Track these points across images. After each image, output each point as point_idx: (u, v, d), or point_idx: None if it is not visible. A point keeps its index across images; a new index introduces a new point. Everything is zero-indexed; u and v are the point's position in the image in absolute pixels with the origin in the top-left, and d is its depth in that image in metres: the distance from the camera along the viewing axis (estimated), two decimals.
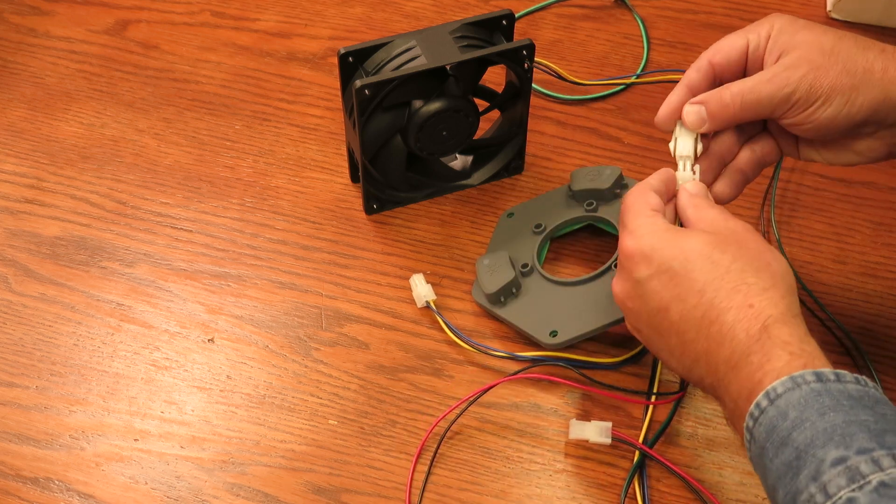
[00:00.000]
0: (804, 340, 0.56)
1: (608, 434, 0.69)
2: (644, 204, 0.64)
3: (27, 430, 0.72)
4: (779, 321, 0.56)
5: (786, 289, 0.58)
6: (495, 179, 0.86)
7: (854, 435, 0.50)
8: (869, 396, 0.52)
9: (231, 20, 1.01)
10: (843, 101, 0.62)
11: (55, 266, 0.82)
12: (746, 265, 0.59)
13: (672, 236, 0.61)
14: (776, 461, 0.52)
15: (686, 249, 0.60)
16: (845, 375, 0.53)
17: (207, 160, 0.89)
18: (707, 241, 0.60)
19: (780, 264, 0.59)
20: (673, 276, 0.60)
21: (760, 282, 0.58)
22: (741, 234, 0.61)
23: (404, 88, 0.76)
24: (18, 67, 0.97)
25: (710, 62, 0.66)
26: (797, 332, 0.56)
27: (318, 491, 0.69)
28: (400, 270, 0.80)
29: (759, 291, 0.58)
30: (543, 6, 1.01)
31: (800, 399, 0.52)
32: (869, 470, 0.48)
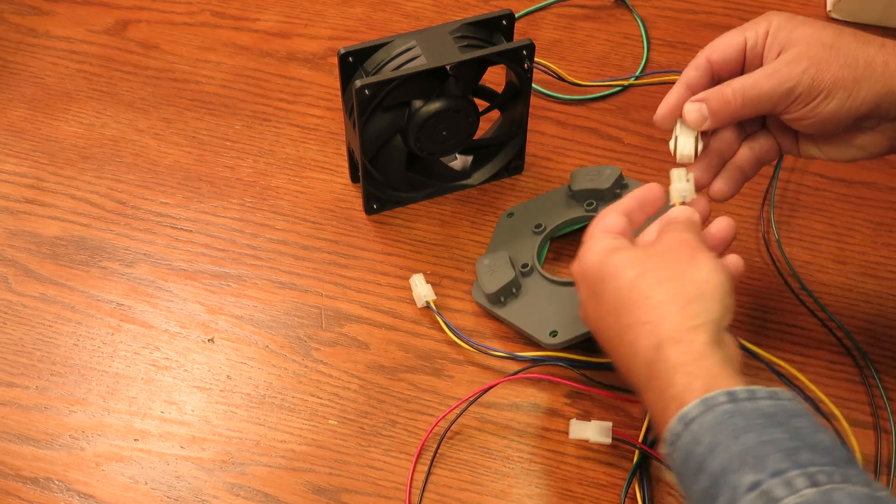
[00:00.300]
0: (702, 356, 0.54)
1: (609, 434, 0.69)
2: (596, 226, 0.64)
3: (27, 430, 0.72)
4: (671, 340, 0.55)
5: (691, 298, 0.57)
6: (495, 179, 0.86)
7: (767, 456, 0.49)
8: (784, 411, 0.52)
9: (231, 20, 1.01)
10: (846, 96, 0.62)
11: (55, 266, 0.82)
12: (651, 278, 0.58)
13: (601, 257, 0.61)
14: (694, 489, 0.51)
15: (605, 269, 0.60)
16: (758, 392, 0.52)
17: (207, 160, 0.89)
18: (626, 258, 0.60)
19: (698, 272, 0.58)
20: (596, 297, 0.61)
21: (659, 294, 0.57)
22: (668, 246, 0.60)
23: (404, 88, 0.76)
24: (18, 67, 0.97)
25: (708, 60, 0.66)
26: (692, 347, 0.55)
27: (318, 491, 0.69)
28: (400, 270, 0.80)
29: (656, 305, 0.57)
30: (543, 6, 1.01)
31: (712, 422, 0.51)
32: (783, 493, 0.47)
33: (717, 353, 0.55)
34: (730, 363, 0.55)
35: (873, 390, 0.72)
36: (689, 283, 0.57)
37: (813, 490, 0.47)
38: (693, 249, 0.60)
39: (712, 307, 0.57)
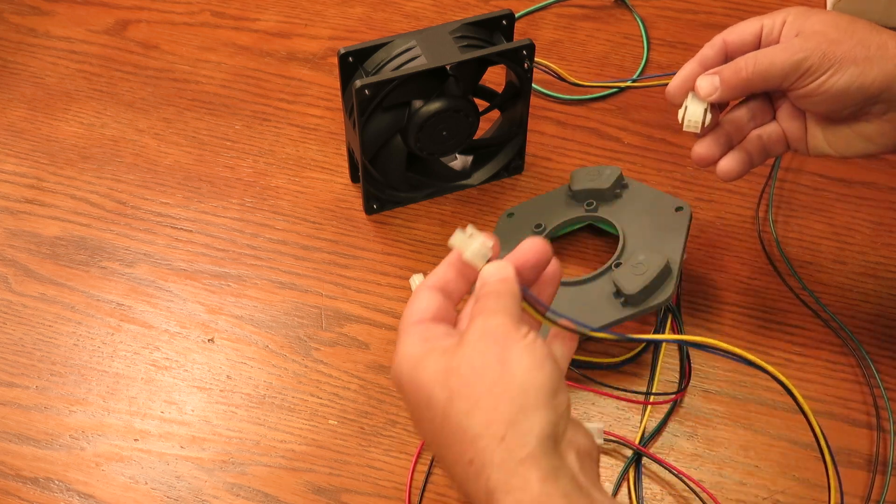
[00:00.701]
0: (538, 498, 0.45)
1: (600, 436, 0.69)
2: (408, 316, 0.53)
3: (27, 430, 0.72)
4: (500, 486, 0.46)
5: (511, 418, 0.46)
6: (495, 179, 0.86)
7: None
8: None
9: (231, 20, 1.01)
10: (857, 72, 0.62)
11: (55, 266, 0.82)
12: (463, 400, 0.48)
13: (410, 373, 0.51)
14: None
15: (416, 391, 0.50)
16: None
17: (207, 160, 0.89)
18: (434, 374, 0.49)
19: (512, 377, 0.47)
20: (415, 419, 0.52)
21: (475, 425, 0.47)
22: (476, 345, 0.49)
23: (404, 88, 0.76)
24: (18, 67, 0.97)
25: (724, 40, 0.67)
26: (525, 495, 0.45)
27: (318, 491, 0.69)
28: (400, 270, 0.80)
29: (472, 440, 0.47)
30: (543, 6, 1.01)
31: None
32: None
33: (556, 488, 0.45)
34: (574, 490, 0.46)
35: (874, 390, 0.72)
36: (504, 397, 0.47)
37: None
38: (501, 344, 0.49)
39: (538, 420, 0.46)
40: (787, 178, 0.85)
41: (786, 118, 0.68)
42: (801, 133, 0.68)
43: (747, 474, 0.69)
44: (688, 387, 0.72)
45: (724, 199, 0.83)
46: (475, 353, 0.49)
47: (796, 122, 0.68)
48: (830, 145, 0.67)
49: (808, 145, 0.68)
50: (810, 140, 0.68)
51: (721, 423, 0.71)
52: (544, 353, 0.49)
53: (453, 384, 0.48)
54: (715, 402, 0.72)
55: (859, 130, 0.66)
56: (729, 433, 0.71)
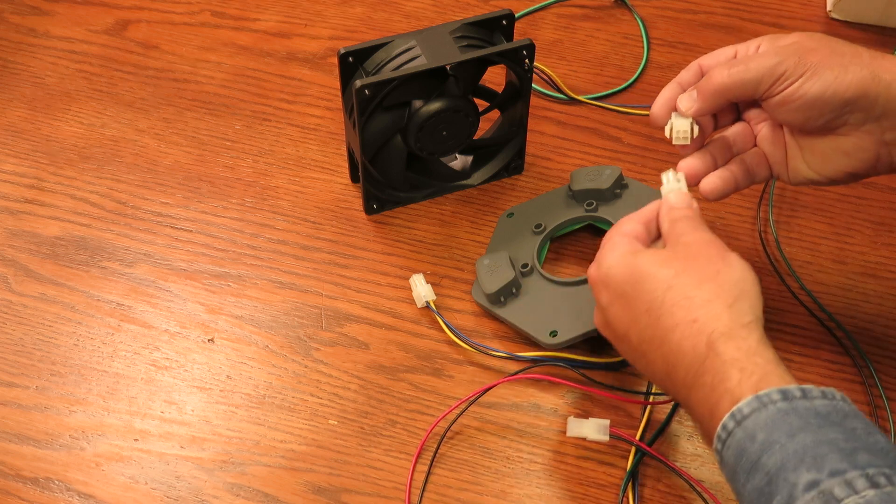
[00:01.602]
0: (756, 352, 0.54)
1: (606, 432, 0.69)
2: (615, 231, 0.64)
3: (27, 430, 0.72)
4: (724, 335, 0.55)
5: (735, 296, 0.57)
6: (495, 179, 0.86)
7: (825, 456, 0.48)
8: (837, 411, 0.51)
9: (231, 20, 1.01)
10: (832, 77, 0.62)
11: (55, 266, 0.82)
12: (689, 278, 0.58)
13: (626, 259, 0.61)
14: (748, 486, 0.51)
15: (635, 271, 0.60)
16: (811, 391, 0.52)
17: (207, 160, 0.89)
18: (655, 259, 0.60)
19: (733, 271, 0.58)
20: (627, 300, 0.61)
21: (703, 293, 0.57)
22: (695, 247, 0.60)
23: (404, 88, 0.76)
24: (18, 67, 0.97)
25: (700, 65, 0.68)
26: (745, 343, 0.55)
27: (318, 491, 0.69)
28: (400, 270, 0.80)
29: (702, 304, 0.57)
30: (543, 6, 1.01)
31: (767, 420, 0.51)
32: (843, 493, 0.47)
33: (769, 350, 0.55)
34: (779, 360, 0.55)
35: (872, 390, 0.72)
36: (729, 282, 0.57)
37: (873, 492, 0.47)
38: (721, 249, 0.60)
39: (756, 304, 0.57)
40: None
41: (766, 142, 0.69)
42: (781, 156, 0.68)
43: None
44: None
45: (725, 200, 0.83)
46: (699, 251, 0.60)
47: (776, 144, 0.68)
48: (810, 166, 0.67)
49: (788, 170, 0.68)
50: (790, 163, 0.68)
51: None
52: (749, 265, 0.59)
53: (677, 266, 0.59)
54: None
55: (837, 145, 0.65)
56: None
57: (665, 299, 0.58)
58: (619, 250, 0.62)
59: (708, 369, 0.55)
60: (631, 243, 0.63)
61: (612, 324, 0.63)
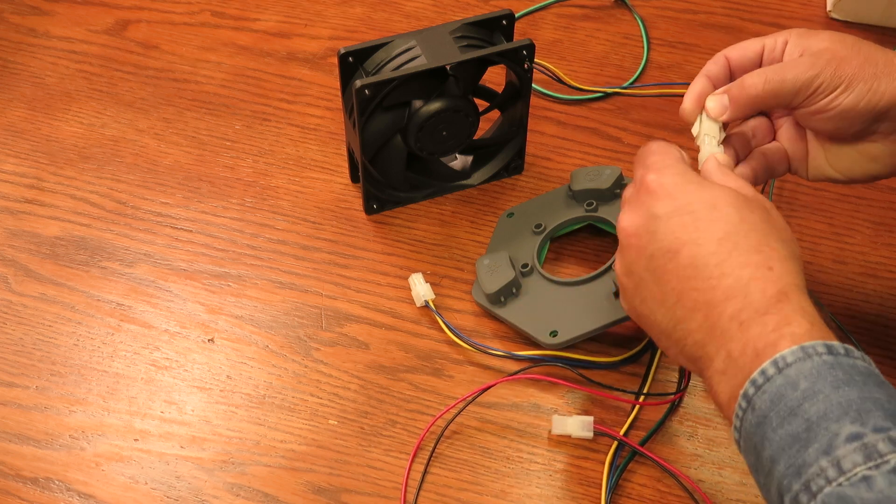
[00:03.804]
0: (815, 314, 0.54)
1: (590, 428, 0.69)
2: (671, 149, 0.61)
3: (27, 430, 0.72)
4: (799, 290, 0.54)
5: (800, 265, 0.57)
6: (495, 179, 0.86)
7: (870, 412, 0.48)
8: (875, 375, 0.52)
9: (231, 20, 1.01)
10: (866, 89, 0.62)
11: (55, 266, 0.82)
12: (772, 230, 0.57)
13: (700, 181, 0.59)
14: (780, 431, 0.50)
15: (715, 196, 0.57)
16: (854, 351, 0.52)
17: (207, 160, 0.89)
18: (736, 197, 0.58)
19: (798, 247, 0.58)
20: (696, 219, 0.57)
21: (784, 250, 0.56)
22: (768, 204, 0.59)
23: (404, 88, 0.76)
24: (18, 67, 0.97)
25: (726, 57, 0.66)
26: (810, 305, 0.54)
27: (318, 491, 0.69)
28: (400, 270, 0.80)
29: (782, 258, 0.55)
30: (543, 6, 1.01)
31: (811, 370, 0.51)
32: (887, 449, 0.47)
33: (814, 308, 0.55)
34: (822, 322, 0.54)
35: None
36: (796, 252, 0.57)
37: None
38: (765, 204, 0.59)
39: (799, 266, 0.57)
40: (788, 178, 0.85)
41: (787, 139, 0.68)
42: (802, 153, 0.68)
43: (747, 474, 0.69)
44: (687, 387, 0.72)
45: None
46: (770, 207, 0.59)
47: (798, 142, 0.68)
48: (832, 166, 0.67)
49: (808, 167, 0.68)
50: (811, 162, 0.67)
51: (721, 424, 0.71)
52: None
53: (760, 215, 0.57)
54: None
55: (864, 150, 0.65)
56: (729, 433, 0.71)
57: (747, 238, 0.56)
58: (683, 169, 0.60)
59: (776, 311, 0.53)
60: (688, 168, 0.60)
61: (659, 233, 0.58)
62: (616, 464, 0.69)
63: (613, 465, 0.69)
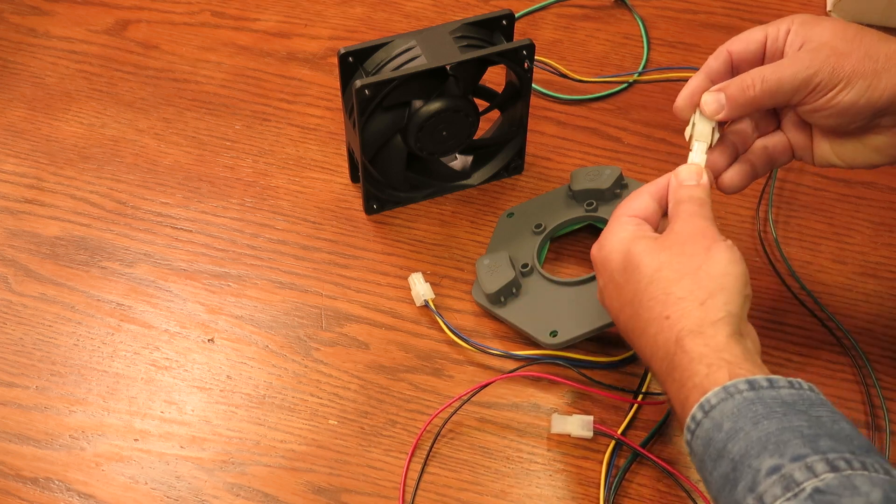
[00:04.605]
0: (724, 348, 0.55)
1: (590, 428, 0.69)
2: (625, 209, 0.64)
3: (27, 430, 0.72)
4: (692, 333, 0.56)
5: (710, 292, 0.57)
6: (495, 179, 0.86)
7: (788, 442, 0.49)
8: (804, 400, 0.52)
9: (231, 20, 1.01)
10: (865, 86, 0.61)
11: (55, 266, 0.82)
12: (671, 272, 0.59)
13: (623, 245, 0.62)
14: (714, 474, 0.52)
15: (627, 258, 0.61)
16: (778, 381, 0.53)
17: (207, 160, 0.89)
18: (646, 248, 0.60)
19: (715, 265, 0.58)
20: (616, 286, 0.62)
21: (679, 290, 0.58)
22: (685, 236, 0.60)
23: (404, 88, 0.76)
24: (18, 67, 0.97)
25: (728, 51, 0.66)
26: (713, 341, 0.55)
27: (318, 491, 0.69)
28: (400, 270, 0.80)
29: (675, 301, 0.57)
30: (543, 6, 1.01)
31: (733, 409, 0.52)
32: (803, 477, 0.48)
33: (738, 345, 0.55)
34: (750, 354, 0.55)
35: (871, 390, 0.72)
36: (707, 277, 0.58)
37: (833, 475, 0.47)
38: (709, 239, 0.60)
39: (731, 300, 0.57)
40: (787, 178, 0.86)
41: (791, 128, 0.68)
42: (806, 143, 0.67)
43: None
44: None
45: (724, 199, 0.83)
46: (687, 239, 0.60)
47: (802, 132, 0.67)
48: (838, 156, 0.67)
49: (813, 155, 0.67)
50: (816, 150, 0.67)
51: None
52: (740, 255, 0.59)
53: (663, 259, 0.59)
54: None
55: (867, 142, 0.65)
56: None
57: (646, 292, 0.59)
58: (620, 234, 0.63)
59: (677, 365, 0.56)
60: (636, 226, 0.63)
61: (606, 304, 0.65)
62: (615, 463, 0.69)
63: (611, 464, 0.69)
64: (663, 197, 0.65)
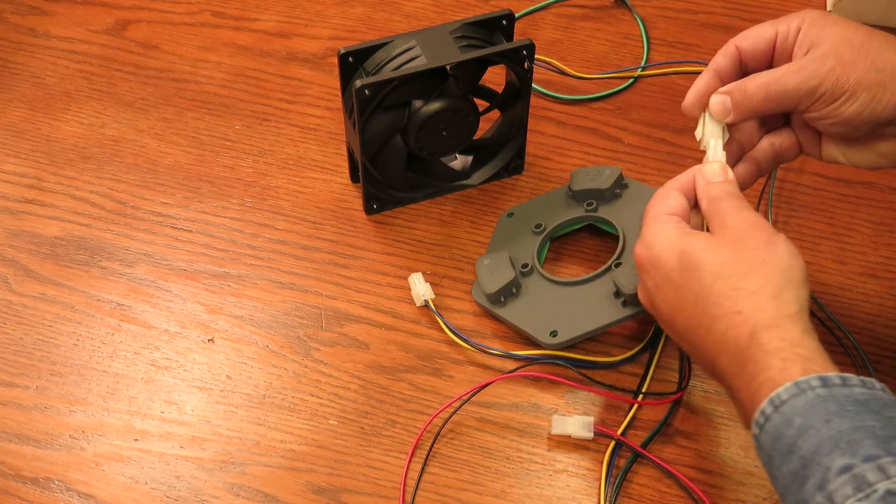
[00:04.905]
0: (799, 343, 0.54)
1: (590, 428, 0.69)
2: (661, 208, 0.64)
3: (27, 430, 0.72)
4: (767, 326, 0.55)
5: (780, 286, 0.57)
6: (495, 179, 0.86)
7: (860, 441, 0.49)
8: (875, 400, 0.51)
9: (231, 20, 1.01)
10: (869, 98, 0.61)
11: (55, 266, 0.82)
12: (737, 268, 0.58)
13: (676, 244, 0.61)
14: (783, 470, 0.51)
15: (684, 258, 0.60)
16: (851, 379, 0.52)
17: (207, 160, 0.89)
18: (704, 246, 0.60)
19: (780, 258, 0.58)
20: (674, 287, 0.61)
21: (749, 285, 0.57)
22: (742, 231, 0.60)
23: (404, 88, 0.76)
24: (18, 67, 0.97)
25: (737, 46, 0.66)
26: (789, 334, 0.55)
27: (318, 491, 0.69)
28: (400, 270, 0.80)
29: (747, 296, 0.57)
30: (543, 6, 1.01)
31: (804, 405, 0.51)
32: (875, 478, 0.47)
33: (812, 340, 0.55)
34: (822, 350, 0.55)
35: None
36: (776, 270, 0.57)
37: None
38: (768, 233, 0.59)
39: (802, 293, 0.57)
40: (787, 178, 0.86)
41: (800, 125, 0.68)
42: (815, 141, 0.67)
43: (747, 474, 0.69)
44: (687, 387, 0.72)
45: None
46: (745, 235, 0.59)
47: (810, 129, 0.67)
48: (845, 156, 0.67)
49: (821, 152, 0.68)
50: (824, 149, 0.67)
51: (721, 423, 0.71)
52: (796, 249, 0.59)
53: (725, 254, 0.58)
54: (715, 402, 0.72)
55: (874, 148, 0.65)
56: (729, 433, 0.71)
57: (713, 289, 0.58)
58: (667, 232, 0.62)
59: (749, 359, 0.55)
60: (678, 224, 0.62)
61: (658, 306, 0.63)
62: (615, 463, 0.69)
63: (612, 465, 0.69)
64: (691, 192, 0.64)
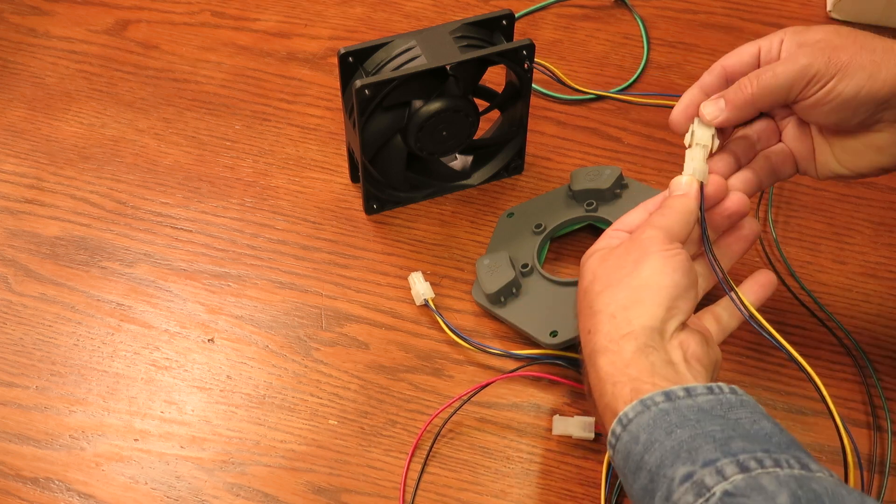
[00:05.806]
0: (629, 364, 0.55)
1: (591, 429, 0.69)
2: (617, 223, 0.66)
3: (27, 430, 0.72)
4: (601, 350, 0.57)
5: (624, 305, 0.58)
6: (495, 179, 0.86)
7: (699, 448, 0.50)
8: (721, 404, 0.53)
9: (231, 20, 1.01)
10: (866, 76, 0.60)
11: (55, 266, 0.82)
12: (598, 285, 0.60)
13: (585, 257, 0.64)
14: (635, 486, 0.52)
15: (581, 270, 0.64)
16: (696, 388, 0.54)
17: (207, 160, 0.89)
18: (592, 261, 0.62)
19: (637, 276, 0.59)
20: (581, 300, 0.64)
21: (598, 303, 0.59)
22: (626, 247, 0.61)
23: (404, 88, 0.76)
24: (18, 67, 0.97)
25: (723, 66, 0.66)
26: (619, 357, 0.56)
27: (318, 491, 0.69)
28: (400, 270, 0.80)
29: (593, 314, 0.59)
30: (543, 6, 1.01)
31: (648, 421, 0.53)
32: (713, 481, 0.48)
33: (645, 359, 0.56)
34: (663, 366, 0.56)
35: (872, 390, 0.72)
36: (627, 289, 0.58)
37: (741, 476, 0.48)
38: (644, 251, 0.60)
39: (647, 312, 0.57)
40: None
41: (792, 139, 0.67)
42: (808, 152, 0.67)
43: None
44: None
45: None
46: (626, 251, 0.60)
47: (803, 141, 0.67)
48: (840, 161, 0.66)
49: (816, 165, 0.67)
50: (819, 158, 0.67)
51: None
52: (675, 266, 0.59)
53: (599, 271, 0.61)
54: None
55: (870, 142, 0.64)
56: None
57: (579, 304, 0.62)
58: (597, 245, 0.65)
59: (593, 383, 0.57)
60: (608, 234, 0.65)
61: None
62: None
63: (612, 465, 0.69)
64: None
